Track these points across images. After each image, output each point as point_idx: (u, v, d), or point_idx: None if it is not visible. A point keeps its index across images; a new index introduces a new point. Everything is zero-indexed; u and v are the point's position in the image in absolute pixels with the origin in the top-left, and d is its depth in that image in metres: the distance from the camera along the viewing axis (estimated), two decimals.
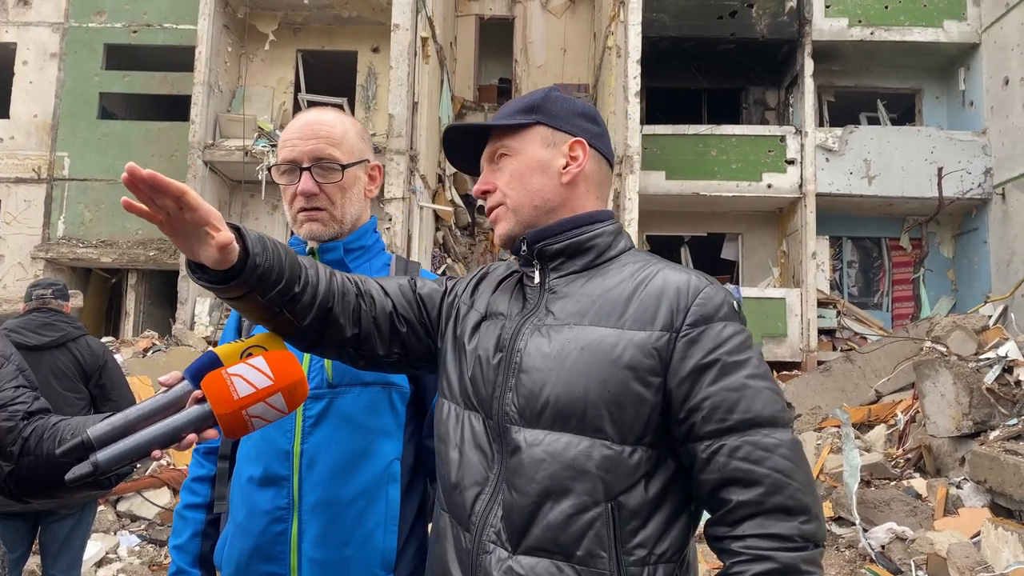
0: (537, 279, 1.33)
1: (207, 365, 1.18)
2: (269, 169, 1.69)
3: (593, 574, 1.13)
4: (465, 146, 1.43)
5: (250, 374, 1.14)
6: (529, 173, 1.32)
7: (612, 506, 1.14)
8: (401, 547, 1.61)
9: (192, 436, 1.15)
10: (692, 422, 1.15)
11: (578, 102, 1.40)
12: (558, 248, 1.31)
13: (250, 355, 1.20)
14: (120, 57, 14.98)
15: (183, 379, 1.19)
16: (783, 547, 1.08)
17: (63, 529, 3.80)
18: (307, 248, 1.69)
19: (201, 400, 1.15)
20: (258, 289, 1.19)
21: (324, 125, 1.66)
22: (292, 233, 1.74)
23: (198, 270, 1.17)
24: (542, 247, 1.32)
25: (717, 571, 1.21)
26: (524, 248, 1.33)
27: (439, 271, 14.18)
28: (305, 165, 1.63)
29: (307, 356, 1.59)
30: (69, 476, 1.07)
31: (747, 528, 1.10)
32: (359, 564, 1.55)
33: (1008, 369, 6.27)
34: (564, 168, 1.33)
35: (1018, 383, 6.03)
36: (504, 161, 1.35)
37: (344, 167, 1.65)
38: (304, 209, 1.64)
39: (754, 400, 1.14)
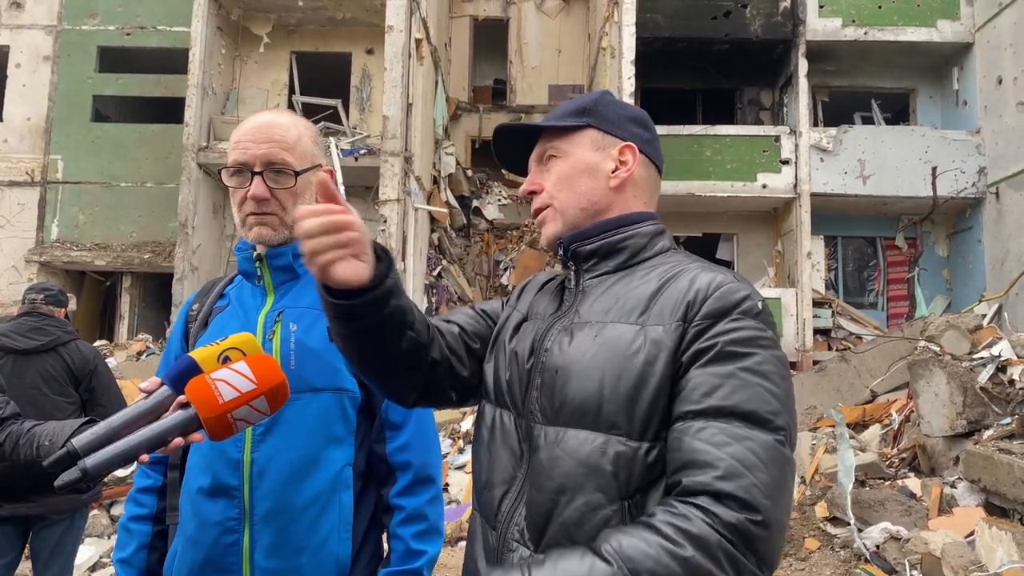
0: (573, 281, 1.34)
1: (186, 370, 1.19)
2: (220, 172, 1.66)
3: None
4: (514, 146, 1.42)
5: (234, 379, 1.16)
6: (577, 176, 1.32)
7: (629, 504, 1.11)
8: (355, 554, 1.60)
9: (179, 440, 1.16)
10: (674, 405, 1.11)
11: (630, 107, 1.40)
12: (591, 249, 1.32)
13: (228, 359, 1.21)
14: (113, 59, 14.96)
15: (163, 384, 1.20)
16: (713, 523, 0.97)
17: (54, 535, 3.79)
18: (255, 253, 1.67)
19: (185, 405, 1.16)
20: (382, 306, 1.16)
21: (278, 129, 1.62)
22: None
23: (332, 292, 1.14)
24: (575, 248, 1.33)
25: None
26: (561, 250, 1.35)
27: (435, 273, 14.17)
28: (257, 169, 1.59)
29: None
30: (58, 483, 1.08)
31: (692, 498, 1.01)
32: (313, 572, 1.54)
33: (1002, 368, 6.27)
34: (613, 172, 1.33)
35: (1012, 382, 6.03)
36: (552, 162, 1.35)
37: (297, 173, 1.62)
38: (254, 213, 1.62)
39: (738, 391, 1.07)
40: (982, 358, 6.52)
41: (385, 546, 1.69)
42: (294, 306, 1.64)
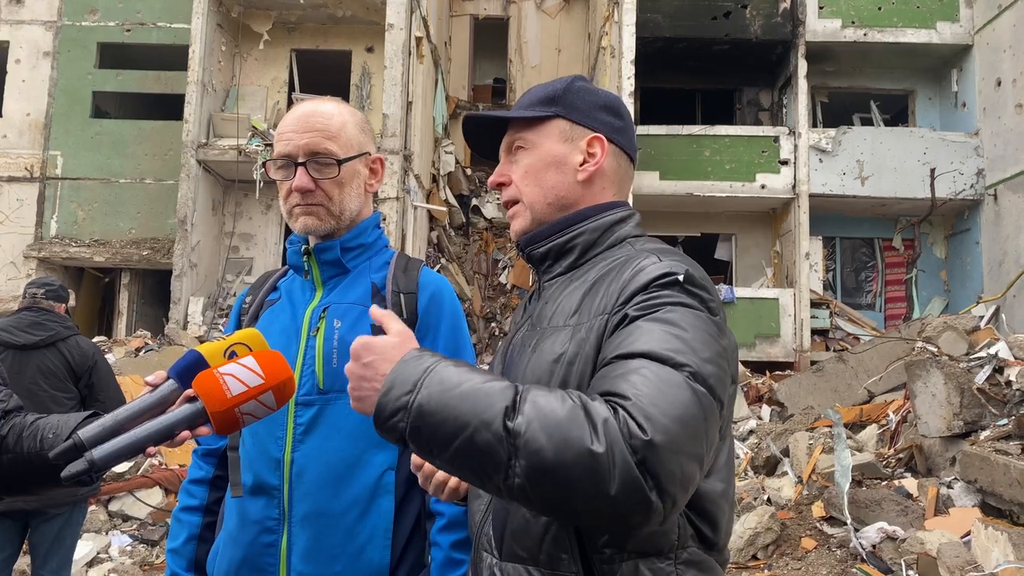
0: (538, 285, 1.32)
1: (192, 364, 1.19)
2: (264, 164, 1.63)
3: None
4: (485, 133, 1.39)
5: (241, 373, 1.16)
6: (544, 168, 1.28)
7: None
8: (395, 563, 1.55)
9: (185, 433, 1.16)
10: None
11: (602, 93, 1.34)
12: (543, 252, 1.29)
13: (234, 354, 1.21)
14: (113, 56, 14.94)
15: (168, 378, 1.20)
16: (607, 409, 0.92)
17: (52, 529, 3.79)
18: (303, 248, 1.64)
19: (192, 399, 1.16)
20: None
21: (321, 117, 1.59)
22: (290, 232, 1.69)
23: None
24: (530, 252, 1.30)
25: None
26: (521, 254, 1.32)
27: (434, 270, 14.16)
28: (300, 160, 1.56)
29: (298, 360, 1.56)
30: (65, 474, 1.08)
31: None
32: None
33: (999, 369, 6.29)
34: (581, 165, 1.28)
35: (1008, 383, 6.05)
36: (520, 154, 1.31)
37: (340, 162, 1.58)
38: (299, 204, 1.59)
39: (638, 339, 1.01)
40: (979, 359, 6.54)
41: (425, 554, 1.63)
42: (340, 302, 1.61)
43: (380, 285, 1.64)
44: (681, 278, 1.09)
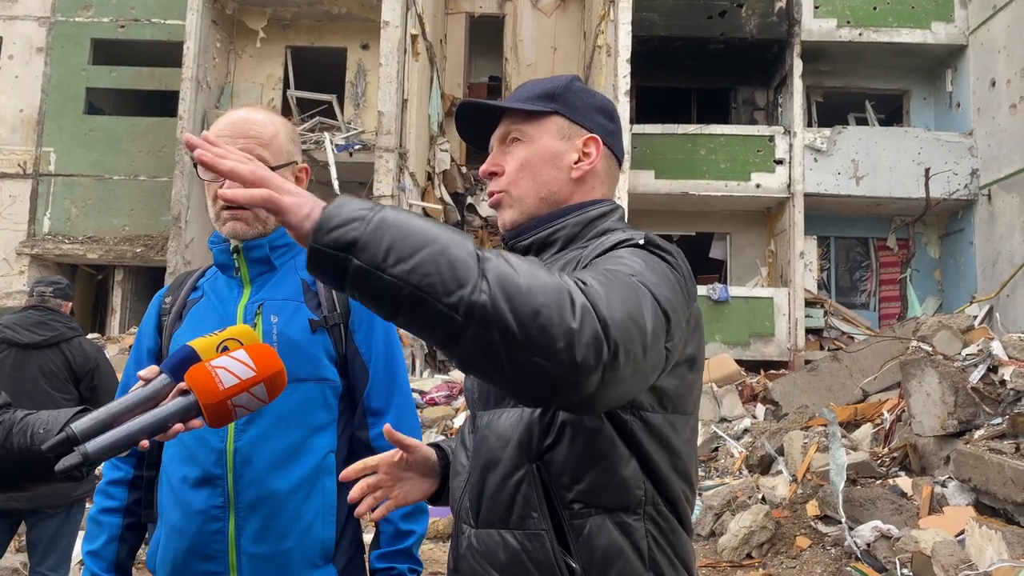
0: None
1: (185, 359, 1.19)
2: (195, 165, 1.65)
3: (528, 535, 1.13)
4: (478, 121, 1.40)
5: (234, 366, 1.16)
6: (540, 163, 1.30)
7: (538, 466, 1.13)
8: (338, 537, 1.64)
9: (179, 426, 1.16)
10: None
11: (598, 96, 1.38)
12: (525, 245, 1.31)
13: (226, 348, 1.21)
14: (107, 52, 14.90)
15: (161, 373, 1.20)
16: (578, 284, 0.95)
17: (50, 528, 3.80)
18: (232, 246, 1.67)
19: (185, 392, 1.16)
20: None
21: (255, 125, 1.63)
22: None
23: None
24: (513, 245, 1.32)
25: None
26: (505, 246, 1.34)
27: None
28: None
29: None
30: (59, 467, 1.07)
31: None
32: (299, 556, 1.58)
33: (993, 368, 6.30)
34: (575, 163, 1.31)
35: (1002, 382, 6.06)
36: (515, 146, 1.32)
37: (273, 169, 1.62)
38: (228, 207, 1.62)
39: (590, 269, 1.03)
40: (974, 358, 6.55)
41: (361, 527, 1.74)
42: (273, 298, 1.66)
43: (310, 282, 1.69)
44: (641, 242, 1.11)
